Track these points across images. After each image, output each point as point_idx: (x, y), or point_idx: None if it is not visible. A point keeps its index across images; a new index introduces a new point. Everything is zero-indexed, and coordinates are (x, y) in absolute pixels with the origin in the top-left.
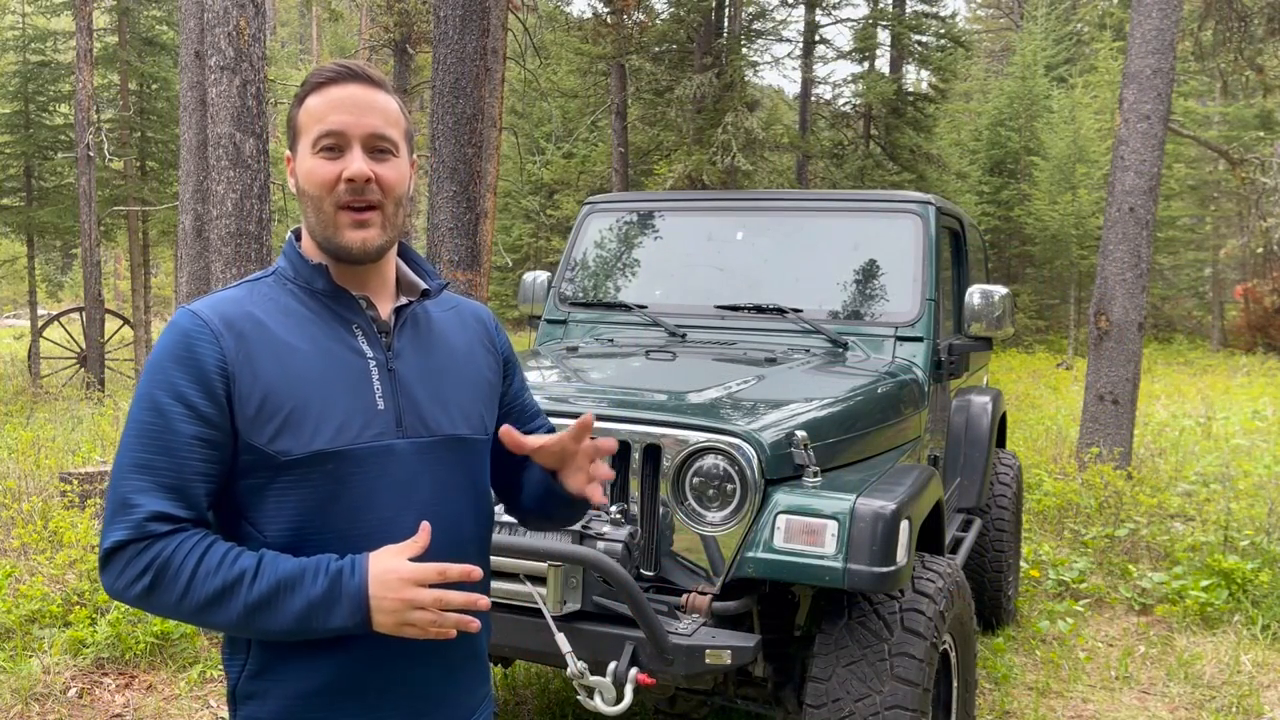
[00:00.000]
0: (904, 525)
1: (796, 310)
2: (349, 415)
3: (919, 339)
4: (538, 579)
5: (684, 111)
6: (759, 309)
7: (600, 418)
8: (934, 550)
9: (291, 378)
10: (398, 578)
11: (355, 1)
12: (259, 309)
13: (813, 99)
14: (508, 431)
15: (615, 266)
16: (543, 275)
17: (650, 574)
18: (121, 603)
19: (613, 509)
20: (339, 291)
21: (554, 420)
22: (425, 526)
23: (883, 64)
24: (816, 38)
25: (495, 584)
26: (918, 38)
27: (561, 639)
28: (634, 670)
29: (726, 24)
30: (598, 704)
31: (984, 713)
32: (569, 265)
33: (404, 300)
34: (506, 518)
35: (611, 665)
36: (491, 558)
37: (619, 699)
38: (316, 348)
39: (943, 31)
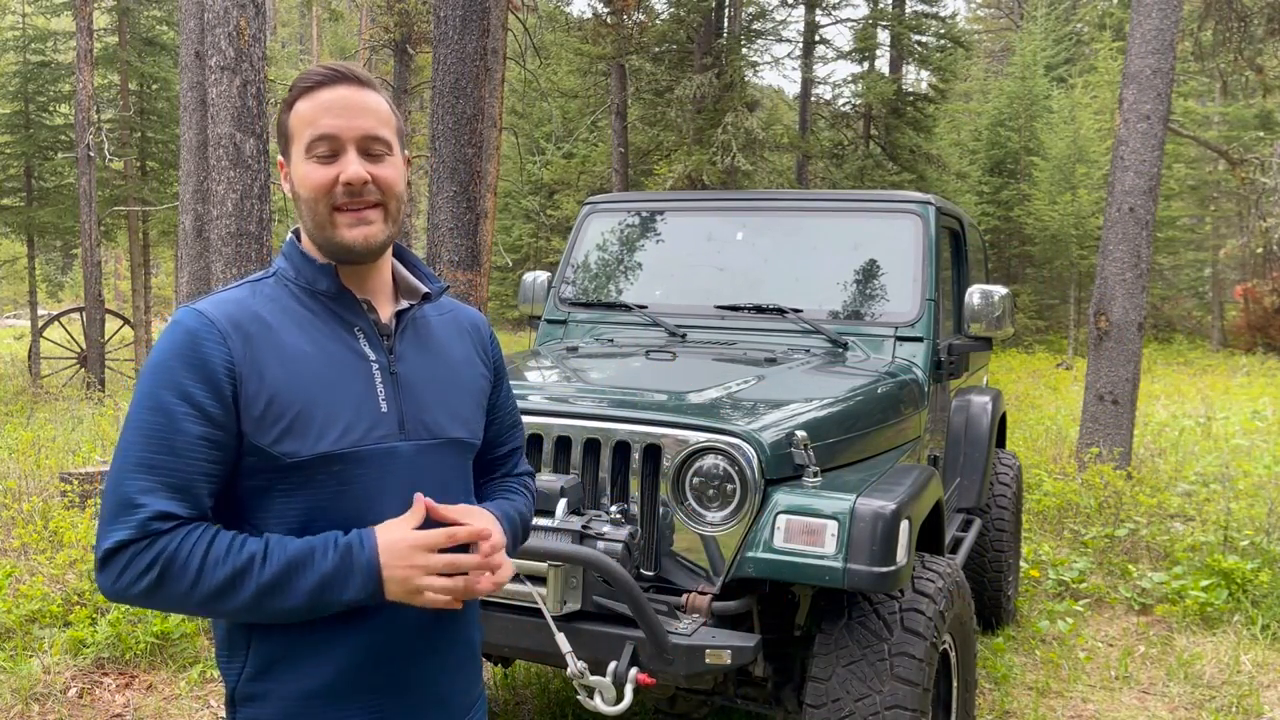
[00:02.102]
0: (904, 525)
1: (796, 310)
2: (354, 417)
3: (919, 339)
4: (538, 579)
5: (684, 111)
6: (759, 309)
7: (600, 417)
8: (934, 550)
9: (297, 380)
10: (408, 545)
11: (355, 1)
12: (264, 310)
13: (813, 99)
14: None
15: (615, 266)
16: (543, 275)
17: (650, 574)
18: (120, 602)
19: (613, 509)
20: (343, 292)
21: (554, 420)
22: (419, 496)
23: (883, 64)
24: (816, 38)
25: None
26: (918, 38)
27: (561, 639)
28: (634, 670)
29: (726, 24)
30: (598, 704)
31: (984, 713)
32: (569, 265)
33: (405, 304)
34: None
35: (611, 665)
36: None
37: (619, 699)
38: (320, 350)
39: (943, 31)
